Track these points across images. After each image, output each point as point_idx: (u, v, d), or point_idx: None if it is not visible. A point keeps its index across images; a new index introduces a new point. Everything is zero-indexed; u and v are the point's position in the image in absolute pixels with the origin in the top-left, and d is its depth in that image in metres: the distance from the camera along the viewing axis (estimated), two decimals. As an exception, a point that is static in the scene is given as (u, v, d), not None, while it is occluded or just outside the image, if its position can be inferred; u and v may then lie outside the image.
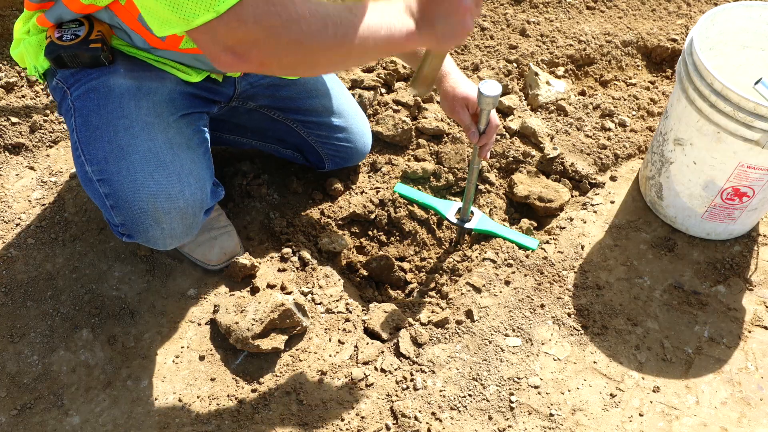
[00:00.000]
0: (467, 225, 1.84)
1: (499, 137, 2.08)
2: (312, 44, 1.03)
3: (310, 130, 1.79)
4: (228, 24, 0.97)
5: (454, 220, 1.86)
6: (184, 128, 1.45)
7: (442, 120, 2.08)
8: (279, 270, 1.72)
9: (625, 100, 2.23)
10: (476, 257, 1.81)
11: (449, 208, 1.88)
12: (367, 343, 1.60)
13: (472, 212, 1.85)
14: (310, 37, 1.02)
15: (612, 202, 1.95)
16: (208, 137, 1.56)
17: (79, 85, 1.41)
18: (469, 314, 1.64)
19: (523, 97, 2.21)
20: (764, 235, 1.88)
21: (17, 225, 1.77)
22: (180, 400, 1.49)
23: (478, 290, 1.69)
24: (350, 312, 1.67)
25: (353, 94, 2.04)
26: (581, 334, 1.64)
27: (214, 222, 1.74)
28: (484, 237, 1.87)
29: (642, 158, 2.09)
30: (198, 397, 1.50)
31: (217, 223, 1.75)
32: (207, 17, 0.96)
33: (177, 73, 1.46)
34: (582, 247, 1.83)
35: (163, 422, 1.45)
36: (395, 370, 1.55)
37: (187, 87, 1.50)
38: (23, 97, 2.08)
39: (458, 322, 1.63)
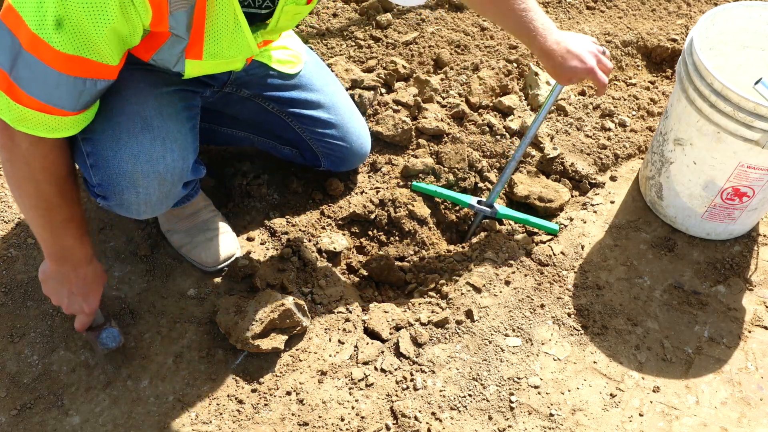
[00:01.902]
0: (492, 209, 1.85)
1: (499, 137, 2.08)
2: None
3: (304, 125, 1.78)
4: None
5: (481, 207, 1.86)
6: (175, 101, 1.44)
7: (442, 120, 2.08)
8: (279, 270, 1.72)
9: (625, 100, 2.23)
10: (476, 257, 1.81)
11: (469, 199, 1.90)
12: (367, 343, 1.60)
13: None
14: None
15: (612, 202, 1.95)
16: (198, 119, 1.53)
17: None
18: (469, 314, 1.64)
19: (524, 97, 2.21)
20: (764, 235, 1.88)
21: (17, 225, 1.77)
22: (180, 400, 1.49)
23: (478, 290, 1.69)
24: (350, 312, 1.67)
25: (353, 95, 2.04)
26: (581, 334, 1.64)
27: (210, 224, 1.74)
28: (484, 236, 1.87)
29: (642, 158, 2.09)
30: (198, 397, 1.50)
31: (213, 224, 1.74)
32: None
33: None
34: (582, 247, 1.83)
35: (163, 422, 1.45)
36: (395, 370, 1.55)
37: None
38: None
39: (458, 322, 1.63)
